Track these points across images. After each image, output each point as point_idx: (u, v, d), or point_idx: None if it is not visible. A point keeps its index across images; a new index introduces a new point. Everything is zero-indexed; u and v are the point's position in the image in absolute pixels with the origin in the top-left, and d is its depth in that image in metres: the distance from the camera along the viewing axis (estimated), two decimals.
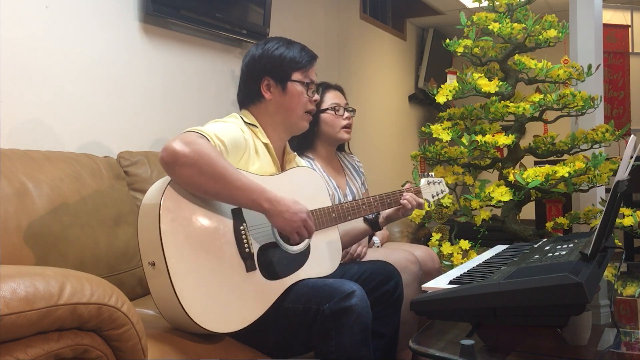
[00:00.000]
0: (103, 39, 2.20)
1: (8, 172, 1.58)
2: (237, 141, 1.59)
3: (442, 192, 2.06)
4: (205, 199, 1.46)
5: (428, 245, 2.59)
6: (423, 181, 2.02)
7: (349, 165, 2.42)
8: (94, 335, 1.11)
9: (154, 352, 1.31)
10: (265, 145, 1.71)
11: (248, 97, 1.75)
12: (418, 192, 1.97)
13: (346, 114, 2.29)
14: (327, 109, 2.25)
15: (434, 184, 2.04)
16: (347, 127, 2.28)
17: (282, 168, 1.78)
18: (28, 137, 1.93)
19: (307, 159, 2.23)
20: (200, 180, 1.40)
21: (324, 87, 2.32)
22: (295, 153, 1.90)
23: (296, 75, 1.72)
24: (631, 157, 1.48)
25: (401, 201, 1.89)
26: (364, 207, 1.80)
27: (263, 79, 1.71)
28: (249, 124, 1.71)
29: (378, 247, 2.32)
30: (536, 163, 3.20)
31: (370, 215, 1.96)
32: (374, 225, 2.00)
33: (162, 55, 2.48)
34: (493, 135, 2.52)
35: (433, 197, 2.03)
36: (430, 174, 2.10)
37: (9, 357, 0.98)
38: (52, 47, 2.01)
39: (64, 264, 1.61)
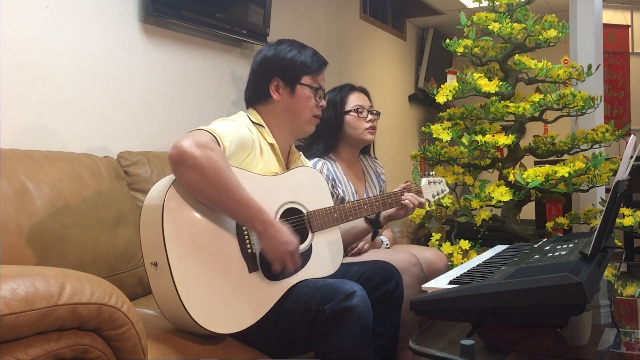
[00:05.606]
0: (103, 39, 2.20)
1: (8, 172, 1.58)
2: (244, 140, 1.59)
3: (442, 192, 2.07)
4: None
5: (428, 245, 2.59)
6: (424, 181, 2.03)
7: (370, 171, 2.39)
8: (94, 335, 1.11)
9: (154, 352, 1.31)
10: (271, 145, 1.71)
11: (256, 96, 1.75)
12: (419, 192, 1.98)
13: (370, 117, 2.25)
14: (349, 110, 2.23)
15: (434, 183, 2.04)
16: (371, 128, 2.25)
17: (287, 168, 1.78)
18: (28, 137, 1.92)
19: (329, 160, 2.21)
20: (203, 186, 1.40)
21: (348, 89, 2.28)
22: (301, 152, 1.89)
23: (306, 80, 1.72)
24: (631, 157, 1.47)
25: (403, 201, 1.89)
26: (365, 207, 1.80)
27: (272, 80, 1.71)
28: (256, 123, 1.71)
29: (387, 245, 2.31)
30: (536, 163, 3.20)
31: (372, 215, 1.96)
32: (375, 224, 2.00)
33: (162, 56, 2.48)
34: (493, 135, 2.52)
35: (434, 196, 2.04)
36: (431, 173, 2.11)
37: (9, 357, 0.98)
38: (52, 47, 2.01)
39: (64, 264, 1.61)
